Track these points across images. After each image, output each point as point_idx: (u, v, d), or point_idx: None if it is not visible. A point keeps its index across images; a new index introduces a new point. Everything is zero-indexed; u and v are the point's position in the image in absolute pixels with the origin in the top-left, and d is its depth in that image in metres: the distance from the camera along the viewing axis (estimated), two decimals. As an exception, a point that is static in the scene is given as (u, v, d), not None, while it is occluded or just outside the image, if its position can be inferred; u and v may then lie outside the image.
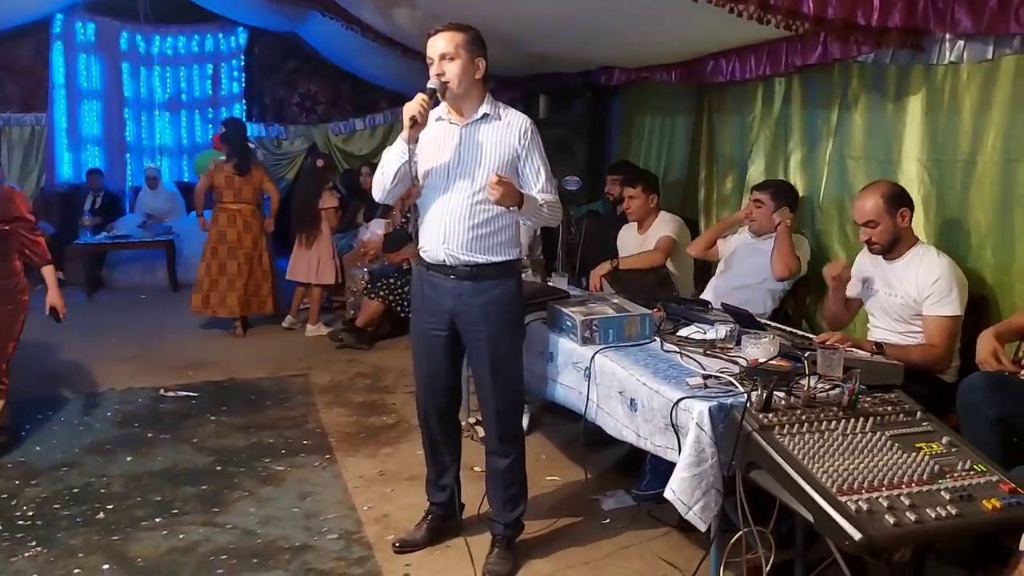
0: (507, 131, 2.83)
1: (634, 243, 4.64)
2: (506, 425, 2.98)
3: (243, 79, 9.62)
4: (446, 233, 2.82)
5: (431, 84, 2.74)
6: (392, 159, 2.84)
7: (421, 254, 2.93)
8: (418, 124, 2.72)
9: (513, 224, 2.91)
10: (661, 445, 2.62)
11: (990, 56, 3.11)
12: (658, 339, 3.10)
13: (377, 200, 3.04)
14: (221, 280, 6.41)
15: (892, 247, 3.13)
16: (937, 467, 2.11)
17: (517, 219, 2.90)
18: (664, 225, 4.55)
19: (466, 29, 2.78)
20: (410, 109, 2.71)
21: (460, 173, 2.81)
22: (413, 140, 2.74)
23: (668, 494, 2.48)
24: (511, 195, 2.72)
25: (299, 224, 6.50)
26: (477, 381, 3.00)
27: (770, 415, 2.29)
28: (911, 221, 3.15)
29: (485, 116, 2.83)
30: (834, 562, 2.31)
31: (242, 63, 9.61)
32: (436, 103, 2.80)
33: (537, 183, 2.86)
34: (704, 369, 2.72)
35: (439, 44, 2.75)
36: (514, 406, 3.00)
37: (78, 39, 9.05)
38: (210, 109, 9.63)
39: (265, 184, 6.54)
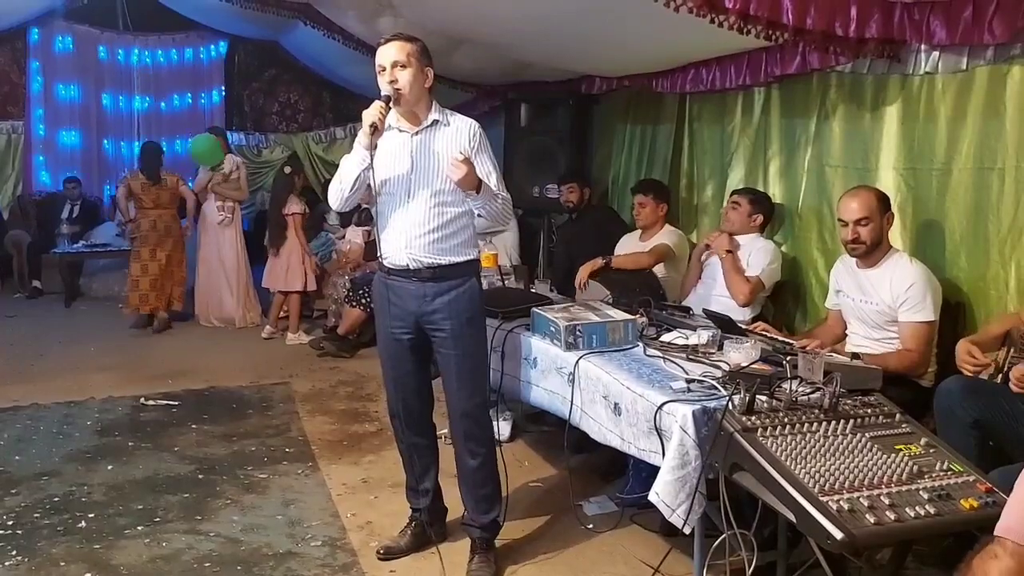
0: (457, 135, 2.90)
1: (633, 250, 4.65)
2: (473, 425, 2.99)
3: (223, 87, 9.57)
4: (407, 238, 2.87)
5: (385, 91, 2.81)
6: (351, 167, 2.88)
7: (383, 260, 2.96)
8: (378, 130, 2.78)
9: (471, 225, 2.98)
10: (645, 449, 2.64)
11: (964, 67, 3.18)
12: (641, 344, 3.13)
13: (334, 208, 3.10)
14: (156, 280, 6.84)
15: (873, 250, 3.18)
16: (916, 468, 2.15)
17: (473, 217, 2.96)
18: (666, 236, 4.59)
19: (414, 40, 2.87)
20: (369, 116, 2.77)
21: (416, 179, 2.87)
22: (373, 147, 2.80)
23: (652, 497, 2.50)
24: (471, 177, 2.78)
25: (271, 231, 6.63)
26: (444, 383, 3.02)
27: (753, 418, 2.32)
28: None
29: (435, 123, 2.90)
30: (816, 564, 2.34)
31: (222, 71, 9.57)
32: (389, 111, 2.86)
33: (489, 182, 2.91)
34: (687, 373, 2.75)
35: (390, 52, 2.82)
36: (480, 406, 3.01)
37: (56, 47, 8.97)
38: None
39: (180, 188, 7.03)
